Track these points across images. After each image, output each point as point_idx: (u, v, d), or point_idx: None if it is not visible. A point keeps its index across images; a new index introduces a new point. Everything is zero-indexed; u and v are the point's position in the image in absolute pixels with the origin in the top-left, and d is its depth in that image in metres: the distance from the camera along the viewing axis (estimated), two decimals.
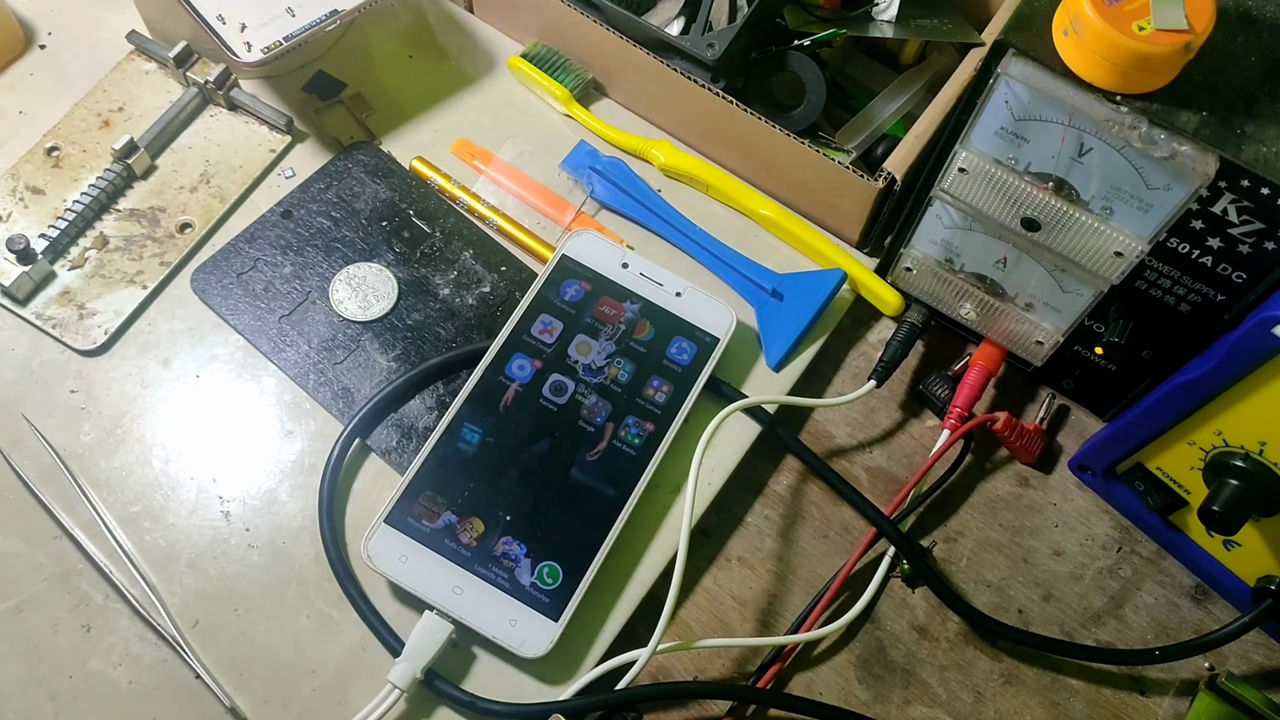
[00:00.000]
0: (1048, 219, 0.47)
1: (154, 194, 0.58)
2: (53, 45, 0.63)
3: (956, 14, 0.62)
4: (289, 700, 0.47)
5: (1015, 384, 0.58)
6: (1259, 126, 0.41)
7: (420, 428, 0.53)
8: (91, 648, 0.47)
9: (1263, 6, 0.43)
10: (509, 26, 0.65)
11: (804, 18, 0.61)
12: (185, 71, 0.59)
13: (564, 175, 0.61)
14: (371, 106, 0.62)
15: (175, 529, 0.50)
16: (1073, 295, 0.50)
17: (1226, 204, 0.42)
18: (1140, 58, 0.39)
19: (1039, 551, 0.54)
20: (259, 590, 0.49)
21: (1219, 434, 0.45)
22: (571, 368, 0.53)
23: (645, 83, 0.60)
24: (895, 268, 0.56)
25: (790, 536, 0.53)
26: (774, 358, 0.56)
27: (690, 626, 0.51)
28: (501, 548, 0.49)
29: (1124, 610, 0.52)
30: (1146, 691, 0.51)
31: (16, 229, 0.55)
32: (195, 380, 0.54)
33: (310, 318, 0.55)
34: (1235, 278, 0.44)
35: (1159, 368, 0.51)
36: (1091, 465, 0.53)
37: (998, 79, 0.43)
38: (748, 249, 0.59)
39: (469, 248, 0.58)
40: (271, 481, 0.52)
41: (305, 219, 0.58)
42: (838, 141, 0.60)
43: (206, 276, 0.56)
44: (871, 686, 0.50)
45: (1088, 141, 0.43)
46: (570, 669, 0.48)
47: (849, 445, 0.56)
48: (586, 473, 0.51)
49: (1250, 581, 0.49)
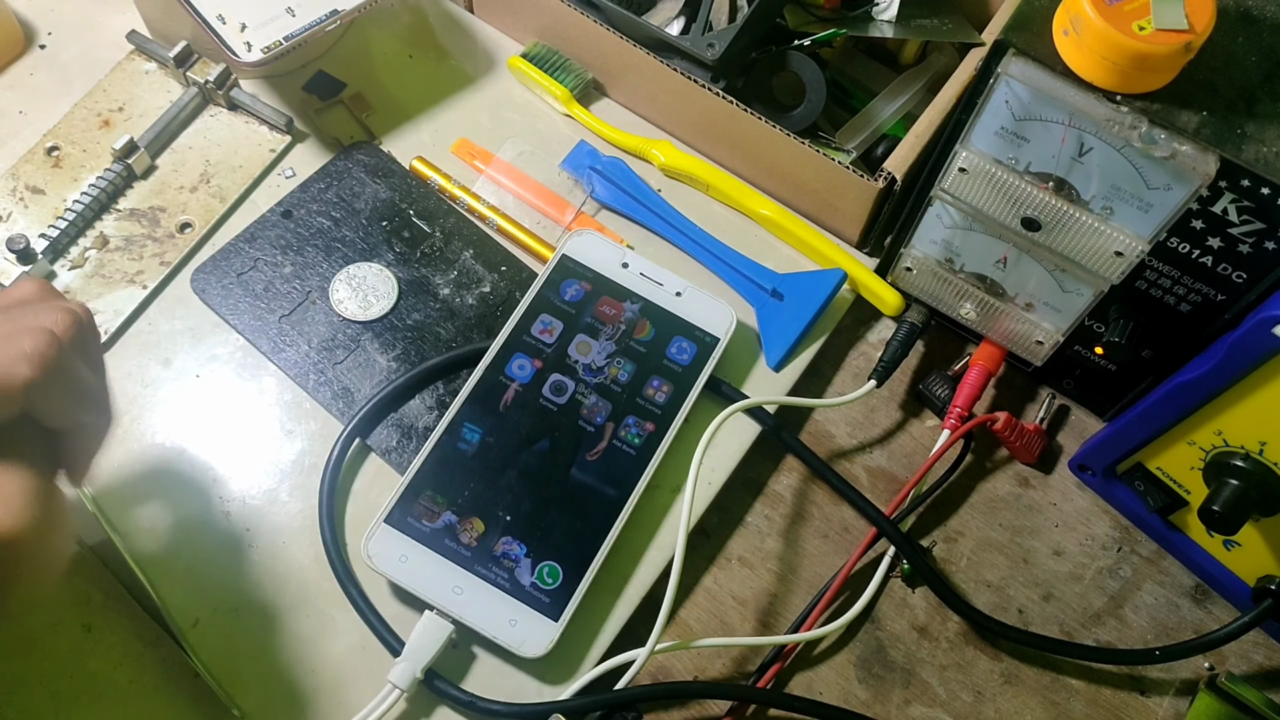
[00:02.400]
0: (1048, 219, 0.47)
1: (154, 194, 0.58)
2: (53, 45, 0.63)
3: (956, 14, 0.62)
4: (289, 700, 0.47)
5: (1015, 384, 0.58)
6: (1259, 126, 0.41)
7: (420, 427, 0.53)
8: (91, 648, 0.47)
9: (1263, 6, 0.43)
10: (509, 26, 0.65)
11: (804, 18, 0.61)
12: (185, 71, 0.59)
13: (564, 175, 0.61)
14: (371, 106, 0.62)
15: (175, 529, 0.50)
16: (1073, 295, 0.50)
17: (1227, 204, 0.42)
18: (1140, 57, 0.39)
19: (1039, 551, 0.54)
20: (259, 590, 0.49)
21: (1219, 434, 0.45)
22: (571, 367, 0.53)
23: (645, 83, 0.60)
24: (895, 268, 0.56)
25: (790, 536, 0.53)
26: (774, 358, 0.56)
27: (690, 626, 0.51)
28: (501, 547, 0.49)
29: (1124, 610, 0.52)
30: (1146, 691, 0.51)
31: (16, 229, 0.55)
32: (195, 380, 0.54)
33: (310, 318, 0.55)
34: (1235, 278, 0.44)
35: (1159, 368, 0.51)
36: (1091, 465, 0.53)
37: (998, 79, 0.43)
38: (748, 249, 0.59)
39: (469, 248, 0.58)
40: (271, 481, 0.52)
41: (305, 219, 0.58)
42: (838, 141, 0.60)
43: (206, 276, 0.56)
44: (871, 686, 0.50)
45: (1088, 141, 0.43)
46: (570, 669, 0.48)
47: (849, 445, 0.56)
48: (587, 472, 0.51)
49: (1250, 581, 0.50)
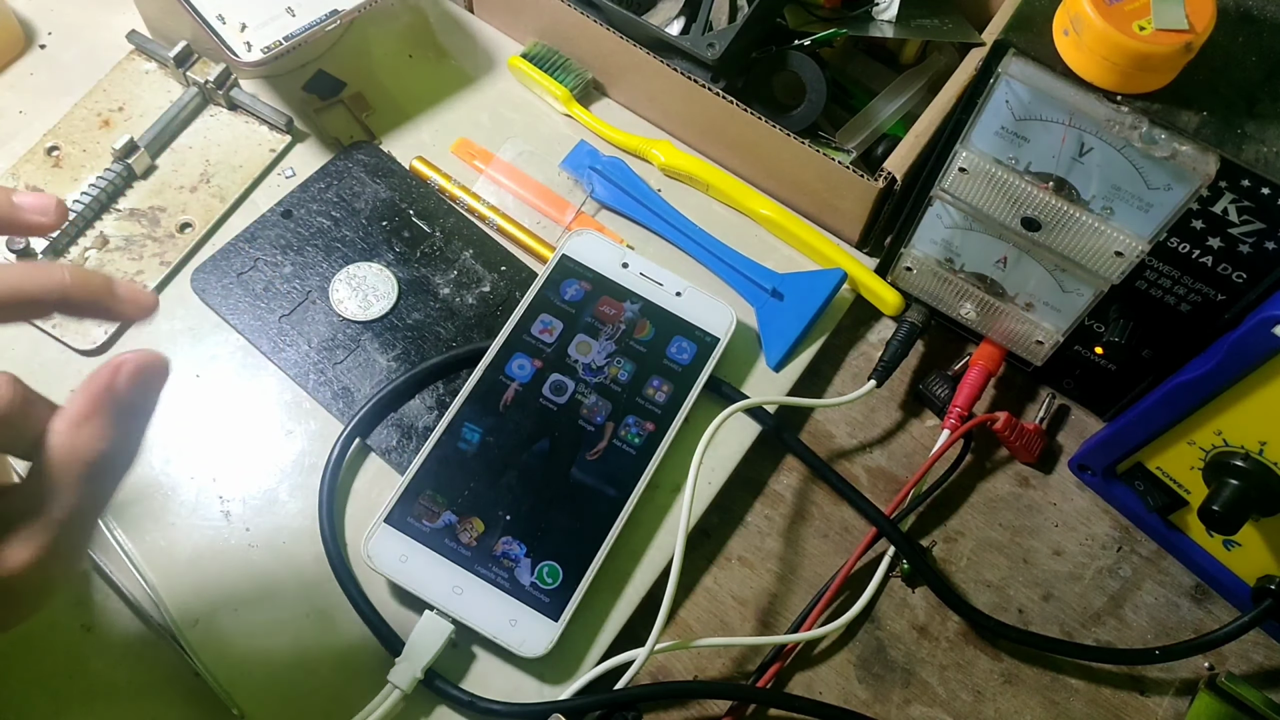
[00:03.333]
0: (1048, 219, 0.47)
1: (154, 194, 0.58)
2: (53, 45, 0.63)
3: (956, 14, 0.62)
4: (289, 700, 0.47)
5: (1015, 384, 0.58)
6: (1259, 126, 0.41)
7: (420, 427, 0.53)
8: (91, 648, 0.47)
9: (1263, 6, 0.43)
10: (509, 26, 0.65)
11: (804, 17, 0.61)
12: (185, 71, 0.59)
13: (564, 175, 0.61)
14: (371, 106, 0.62)
15: (175, 529, 0.50)
16: (1073, 295, 0.50)
17: (1227, 204, 0.42)
18: (1141, 57, 0.39)
19: (1039, 551, 0.54)
20: (259, 590, 0.49)
21: (1219, 434, 0.45)
22: (571, 367, 0.53)
23: (645, 83, 0.60)
24: (895, 267, 0.56)
25: (790, 536, 0.53)
26: (774, 358, 0.56)
27: (690, 626, 0.51)
28: (501, 547, 0.49)
29: (1124, 610, 0.52)
30: (1146, 691, 0.51)
31: None
32: (195, 380, 0.54)
33: (310, 317, 0.55)
34: (1235, 277, 0.44)
35: (1159, 368, 0.51)
36: (1091, 465, 0.53)
37: (998, 79, 0.43)
38: (748, 249, 0.59)
39: (469, 247, 0.58)
40: (271, 481, 0.52)
41: (305, 219, 0.58)
42: (838, 141, 0.60)
43: (206, 276, 0.56)
44: (871, 686, 0.50)
45: (1088, 141, 0.43)
46: (570, 669, 0.48)
47: (849, 445, 0.56)
48: (586, 472, 0.51)
49: (1250, 581, 0.50)
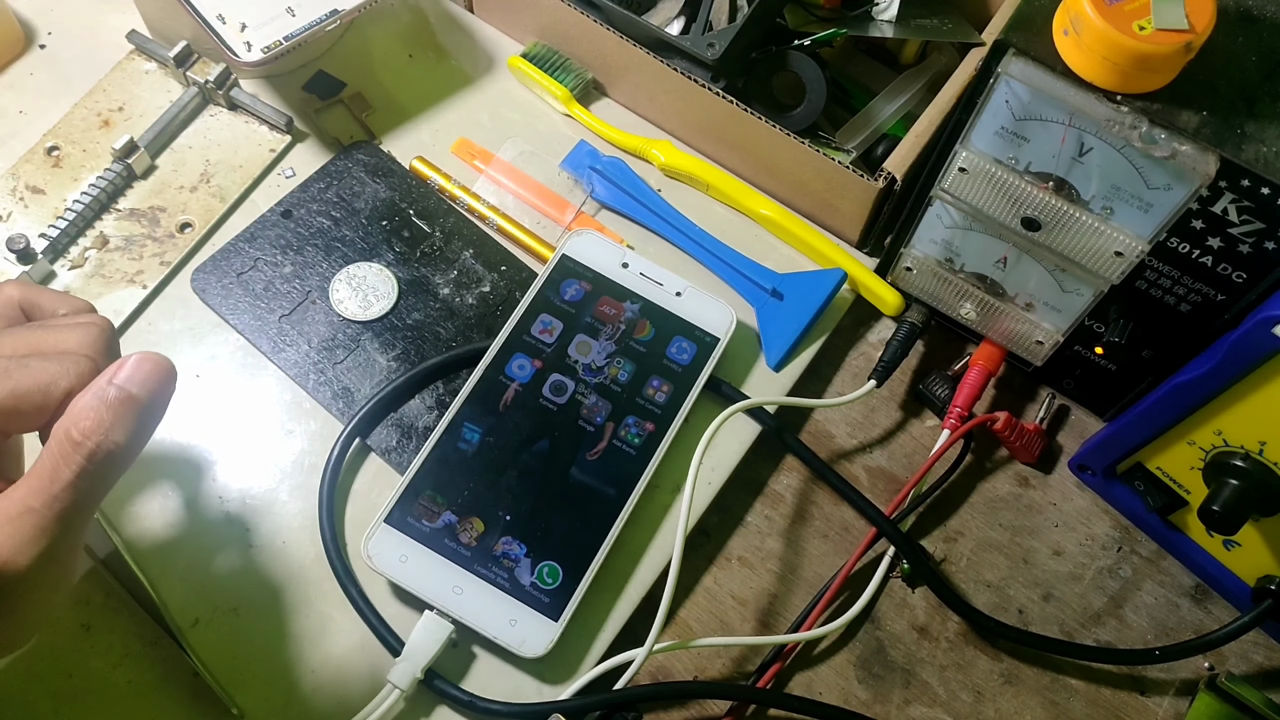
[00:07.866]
0: (1048, 219, 0.47)
1: (154, 194, 0.58)
2: (53, 45, 0.63)
3: (956, 14, 0.62)
4: (289, 700, 0.47)
5: (1015, 384, 0.58)
6: (1259, 126, 0.41)
7: (420, 427, 0.53)
8: (91, 647, 0.47)
9: (1263, 6, 0.43)
10: (509, 26, 0.65)
11: (804, 17, 0.61)
12: (185, 71, 0.59)
13: (564, 175, 0.61)
14: (371, 106, 0.62)
15: (175, 529, 0.50)
16: (1073, 295, 0.50)
17: (1227, 204, 0.42)
18: (1141, 57, 0.39)
19: (1039, 551, 0.54)
20: (259, 590, 0.49)
21: (1219, 434, 0.45)
22: (571, 367, 0.53)
23: (645, 82, 0.60)
24: (895, 268, 0.56)
25: (790, 536, 0.53)
26: (774, 358, 0.56)
27: (690, 626, 0.51)
28: (501, 547, 0.49)
29: (1124, 610, 0.52)
30: (1146, 691, 0.51)
31: (16, 229, 0.55)
32: (195, 380, 0.54)
33: (310, 317, 0.55)
34: (1235, 277, 0.44)
35: (1159, 368, 0.51)
36: (1091, 465, 0.53)
37: (998, 79, 0.43)
38: (748, 249, 0.59)
39: (469, 247, 0.58)
40: (271, 481, 0.52)
41: (305, 219, 0.58)
42: (838, 141, 0.60)
43: (206, 276, 0.56)
44: (871, 686, 0.50)
45: (1088, 141, 0.43)
46: (570, 669, 0.48)
47: (849, 445, 0.56)
48: (586, 472, 0.51)
49: (1250, 581, 0.49)
